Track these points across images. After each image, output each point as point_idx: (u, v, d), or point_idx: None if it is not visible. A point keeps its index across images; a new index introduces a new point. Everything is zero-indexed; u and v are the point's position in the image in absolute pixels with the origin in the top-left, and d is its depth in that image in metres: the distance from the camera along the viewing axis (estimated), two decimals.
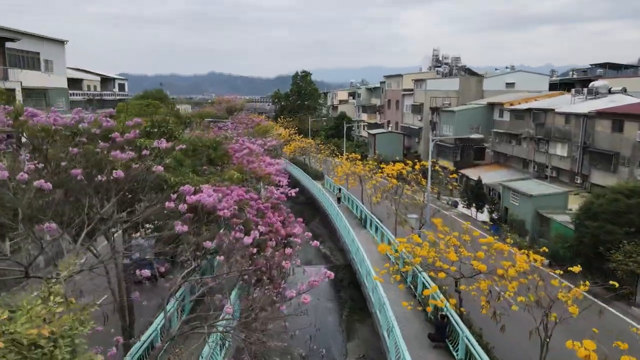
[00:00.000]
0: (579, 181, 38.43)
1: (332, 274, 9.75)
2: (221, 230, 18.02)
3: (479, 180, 39.40)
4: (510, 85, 63.27)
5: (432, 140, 23.51)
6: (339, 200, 43.49)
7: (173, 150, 10.82)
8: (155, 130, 14.17)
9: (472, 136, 33.83)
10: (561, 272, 13.53)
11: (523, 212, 30.93)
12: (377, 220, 30.61)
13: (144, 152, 9.68)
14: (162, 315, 11.60)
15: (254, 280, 16.07)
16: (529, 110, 45.51)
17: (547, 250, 27.43)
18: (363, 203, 37.67)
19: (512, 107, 49.04)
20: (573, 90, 44.26)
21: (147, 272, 9.48)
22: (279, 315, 11.23)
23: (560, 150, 40.57)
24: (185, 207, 8.51)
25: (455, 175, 29.61)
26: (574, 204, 31.22)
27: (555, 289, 11.79)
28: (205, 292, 11.98)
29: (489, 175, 49.91)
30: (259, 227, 17.87)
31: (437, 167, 27.12)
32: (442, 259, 14.67)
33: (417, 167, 26.70)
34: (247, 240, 10.69)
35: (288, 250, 15.03)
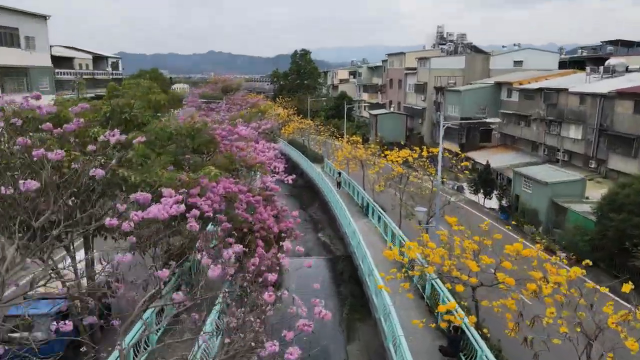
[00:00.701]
0: (593, 166, 36.22)
1: (329, 315, 7.56)
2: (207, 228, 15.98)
3: (487, 165, 37.17)
4: (518, 63, 60.51)
5: (443, 125, 21.08)
6: (338, 184, 41.40)
7: (132, 143, 8.68)
8: (123, 116, 11.94)
9: (490, 120, 31.39)
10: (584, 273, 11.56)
11: (536, 201, 28.82)
12: (379, 208, 28.52)
13: (90, 147, 7.51)
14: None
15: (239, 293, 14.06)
16: (540, 90, 43.02)
17: (563, 242, 25.62)
18: (365, 189, 35.54)
19: (522, 86, 46.52)
20: (588, 68, 41.69)
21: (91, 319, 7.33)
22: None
23: (573, 132, 38.24)
24: (132, 225, 6.40)
25: (467, 163, 27.02)
26: (591, 190, 29.12)
27: (602, 306, 9.72)
28: (179, 311, 9.93)
29: (496, 159, 47.70)
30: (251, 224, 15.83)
31: (446, 154, 24.62)
32: (459, 265, 12.60)
33: (424, 153, 24.41)
34: (226, 255, 8.57)
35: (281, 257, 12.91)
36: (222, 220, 15.58)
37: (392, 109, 72.02)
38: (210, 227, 18.35)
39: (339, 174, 41.88)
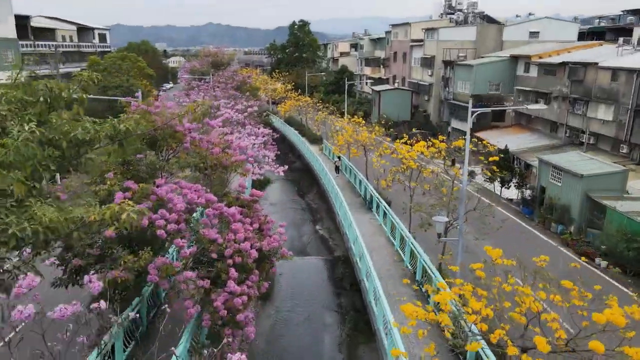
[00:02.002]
0: (625, 151, 32.17)
1: None
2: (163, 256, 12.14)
3: (506, 149, 33.01)
4: (534, 35, 55.67)
5: (472, 114, 16.70)
6: (337, 169, 37.37)
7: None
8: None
9: (533, 106, 27.12)
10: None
11: (568, 195, 24.87)
12: (385, 204, 24.58)
13: None
14: None
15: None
16: (564, 64, 38.54)
17: (603, 247, 21.83)
18: (368, 179, 31.55)
19: (542, 60, 41.98)
20: (620, 39, 37.09)
21: None
22: None
23: (603, 113, 34.00)
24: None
25: (492, 147, 22.14)
26: (632, 182, 25.16)
27: None
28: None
29: (511, 140, 43.56)
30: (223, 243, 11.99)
31: (487, 145, 19.93)
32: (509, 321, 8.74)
33: (442, 145, 20.18)
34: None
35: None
36: (179, 246, 11.71)
37: (396, 85, 67.35)
38: (172, 250, 14.50)
39: (339, 158, 37.93)
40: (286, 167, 22.82)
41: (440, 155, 20.40)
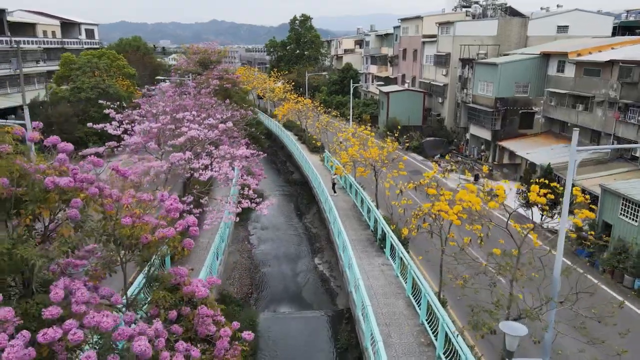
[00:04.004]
0: None
1: None
2: None
3: (549, 168, 26.69)
4: (562, 29, 49.39)
5: (576, 157, 10.10)
6: (334, 186, 31.19)
7: None
8: None
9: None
10: None
11: None
12: (402, 250, 18.51)
13: None
14: None
15: None
16: (611, 62, 32.35)
17: None
18: (378, 206, 25.48)
19: (581, 58, 35.72)
20: None
21: None
22: None
23: None
24: None
25: (541, 181, 14.98)
26: None
27: None
28: None
29: (543, 152, 37.44)
30: None
31: (577, 194, 12.81)
32: None
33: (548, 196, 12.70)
34: None
35: None
36: None
37: (406, 85, 61.11)
38: None
39: (335, 174, 31.88)
40: (272, 201, 16.85)
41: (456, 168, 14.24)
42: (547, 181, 23.61)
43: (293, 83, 71.41)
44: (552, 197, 22.99)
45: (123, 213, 8.19)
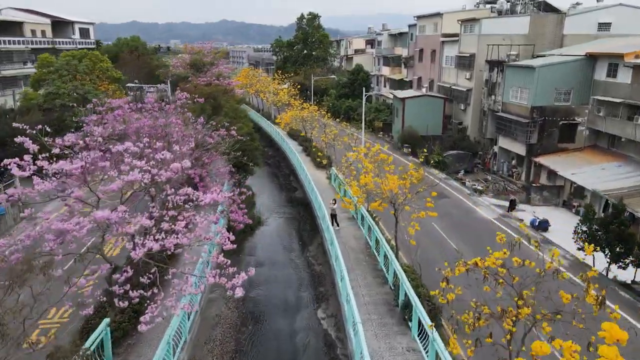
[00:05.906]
0: None
1: None
2: None
3: (622, 206, 20.59)
4: (603, 26, 43.32)
5: None
6: (332, 218, 25.28)
7: None
8: None
9: None
10: None
11: None
12: (435, 337, 12.83)
13: None
14: None
15: None
16: None
17: None
18: (398, 250, 19.76)
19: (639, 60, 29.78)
20: None
21: None
22: None
23: None
24: None
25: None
26: None
27: None
28: None
29: (590, 172, 31.58)
30: None
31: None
32: None
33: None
34: None
35: None
36: None
37: (423, 90, 55.20)
38: None
39: (334, 200, 26.13)
40: (251, 272, 11.28)
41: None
42: (619, 225, 17.73)
43: (299, 86, 65.91)
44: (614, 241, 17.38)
45: None
